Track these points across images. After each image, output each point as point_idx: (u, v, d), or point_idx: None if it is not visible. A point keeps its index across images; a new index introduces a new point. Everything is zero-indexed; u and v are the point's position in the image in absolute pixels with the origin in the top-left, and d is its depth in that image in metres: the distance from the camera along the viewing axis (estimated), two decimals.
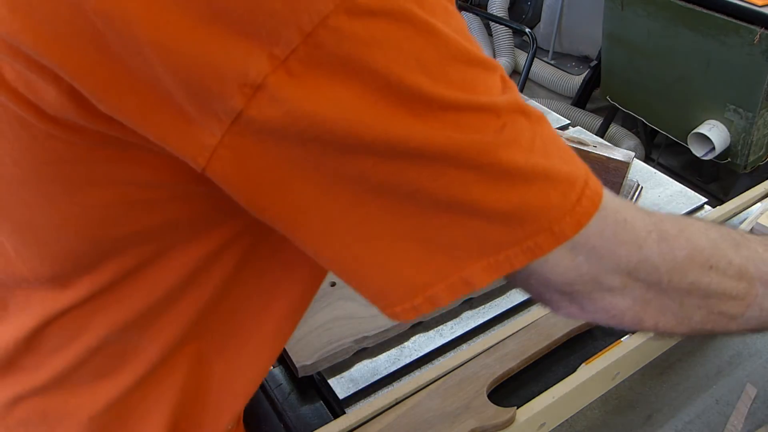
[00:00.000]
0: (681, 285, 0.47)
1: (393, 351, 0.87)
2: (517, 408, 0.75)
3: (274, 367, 0.88)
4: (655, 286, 0.47)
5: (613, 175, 1.14)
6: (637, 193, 1.17)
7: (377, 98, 0.35)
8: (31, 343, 0.51)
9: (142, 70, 0.35)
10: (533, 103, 1.52)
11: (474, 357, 0.83)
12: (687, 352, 0.90)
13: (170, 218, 0.46)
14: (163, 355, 0.54)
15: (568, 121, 1.45)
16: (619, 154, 1.15)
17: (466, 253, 0.42)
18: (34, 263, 0.48)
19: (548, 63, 3.77)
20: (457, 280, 0.42)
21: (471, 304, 0.95)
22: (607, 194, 0.46)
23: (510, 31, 3.70)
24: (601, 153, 1.15)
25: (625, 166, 1.13)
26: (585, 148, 1.17)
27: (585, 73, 3.24)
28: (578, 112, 3.09)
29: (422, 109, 0.36)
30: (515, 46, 3.77)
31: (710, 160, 2.29)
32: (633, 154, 1.17)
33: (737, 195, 1.19)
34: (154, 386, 0.55)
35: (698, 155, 2.30)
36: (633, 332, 0.88)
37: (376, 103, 0.36)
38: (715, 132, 2.21)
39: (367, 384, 0.83)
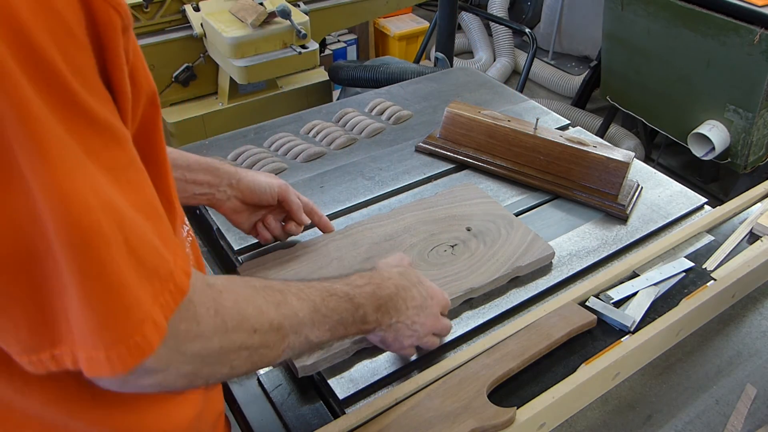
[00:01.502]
0: (231, 348, 0.55)
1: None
2: (517, 408, 0.75)
3: (274, 367, 0.88)
4: (207, 358, 0.53)
5: (613, 175, 1.14)
6: (637, 193, 1.17)
7: None
8: None
9: None
10: (533, 104, 1.52)
11: (474, 357, 0.83)
12: (687, 352, 0.90)
13: None
14: None
15: (568, 121, 1.45)
16: (619, 154, 1.16)
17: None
18: None
19: (548, 63, 3.77)
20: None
21: (471, 304, 0.95)
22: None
23: (510, 31, 3.70)
24: (601, 153, 1.16)
25: (625, 166, 1.13)
26: (585, 148, 1.17)
27: (585, 74, 3.24)
28: (578, 112, 3.09)
29: None
30: (515, 46, 3.77)
31: (710, 160, 2.29)
32: (633, 154, 1.17)
33: (737, 195, 1.19)
34: None
35: (698, 155, 2.30)
36: (633, 332, 0.88)
37: None
38: (715, 132, 2.21)
39: (367, 384, 0.83)
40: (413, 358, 0.86)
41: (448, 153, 1.28)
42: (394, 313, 0.77)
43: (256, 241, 1.05)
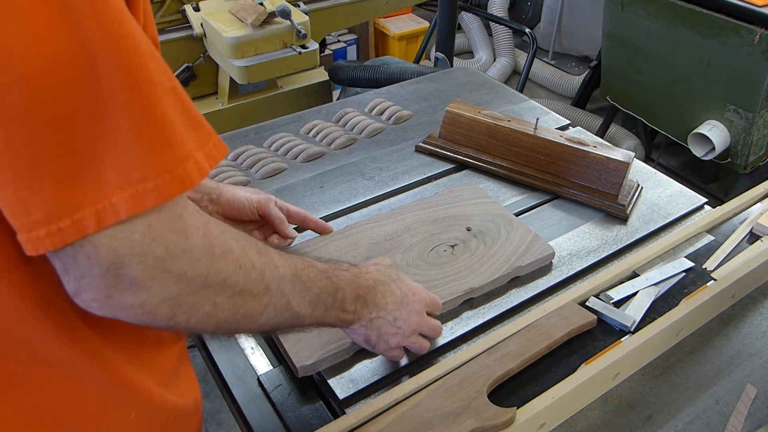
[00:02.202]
0: (216, 279, 0.54)
1: None
2: (517, 408, 0.75)
3: (274, 367, 0.88)
4: (192, 282, 0.52)
5: (613, 175, 1.14)
6: (637, 193, 1.17)
7: None
8: None
9: None
10: (533, 104, 1.51)
11: (474, 357, 0.83)
12: (687, 353, 0.90)
13: None
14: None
15: (568, 121, 1.45)
16: (619, 154, 1.16)
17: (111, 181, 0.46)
18: None
19: (548, 63, 3.77)
20: (105, 207, 0.46)
21: (471, 304, 0.95)
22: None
23: (510, 31, 3.70)
24: (601, 153, 1.16)
25: (625, 166, 1.13)
26: (585, 148, 1.17)
27: (585, 74, 3.24)
28: (578, 112, 3.09)
29: None
30: (515, 46, 3.77)
31: (710, 160, 2.29)
32: (633, 154, 1.17)
33: (737, 195, 1.19)
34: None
35: (698, 155, 2.30)
36: (633, 332, 0.88)
37: None
38: (715, 132, 2.21)
39: (367, 384, 0.83)
40: (403, 362, 0.85)
41: (448, 153, 1.28)
42: (373, 306, 0.76)
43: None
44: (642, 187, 1.20)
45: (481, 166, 1.25)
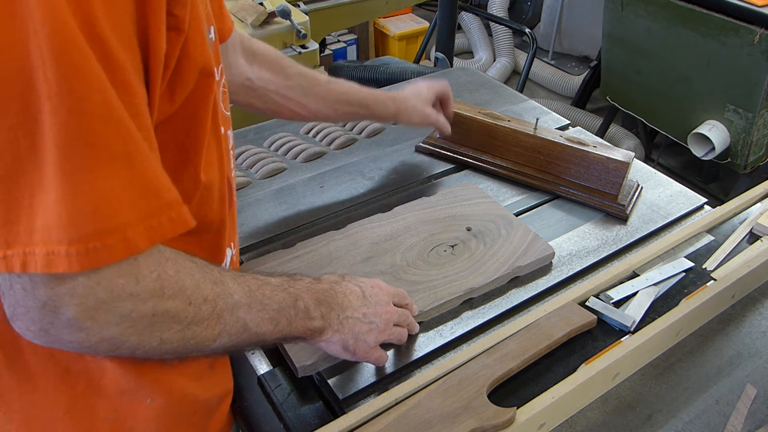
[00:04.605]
0: (163, 318, 0.54)
1: (393, 351, 0.87)
2: (517, 408, 0.75)
3: (274, 367, 0.88)
4: (136, 322, 0.51)
5: (613, 175, 1.14)
6: (637, 193, 1.17)
7: None
8: None
9: None
10: (533, 104, 1.52)
11: (474, 357, 0.83)
12: (687, 352, 0.90)
13: None
14: None
15: (568, 121, 1.45)
16: (619, 154, 1.16)
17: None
18: None
19: (548, 63, 3.77)
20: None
21: (471, 304, 0.95)
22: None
23: (510, 31, 3.70)
24: (601, 153, 1.16)
25: (625, 166, 1.13)
26: (585, 148, 1.17)
27: (585, 74, 3.24)
28: (578, 112, 3.10)
29: None
30: (515, 46, 3.77)
31: (710, 160, 2.29)
32: (633, 154, 1.17)
33: (737, 195, 1.19)
34: None
35: (698, 155, 2.30)
36: (633, 332, 0.88)
37: None
38: (715, 132, 2.21)
39: (367, 384, 0.83)
40: (403, 363, 0.85)
41: (448, 153, 1.28)
42: (337, 307, 0.74)
43: (257, 240, 1.05)
44: (642, 187, 1.20)
45: (481, 166, 1.25)
